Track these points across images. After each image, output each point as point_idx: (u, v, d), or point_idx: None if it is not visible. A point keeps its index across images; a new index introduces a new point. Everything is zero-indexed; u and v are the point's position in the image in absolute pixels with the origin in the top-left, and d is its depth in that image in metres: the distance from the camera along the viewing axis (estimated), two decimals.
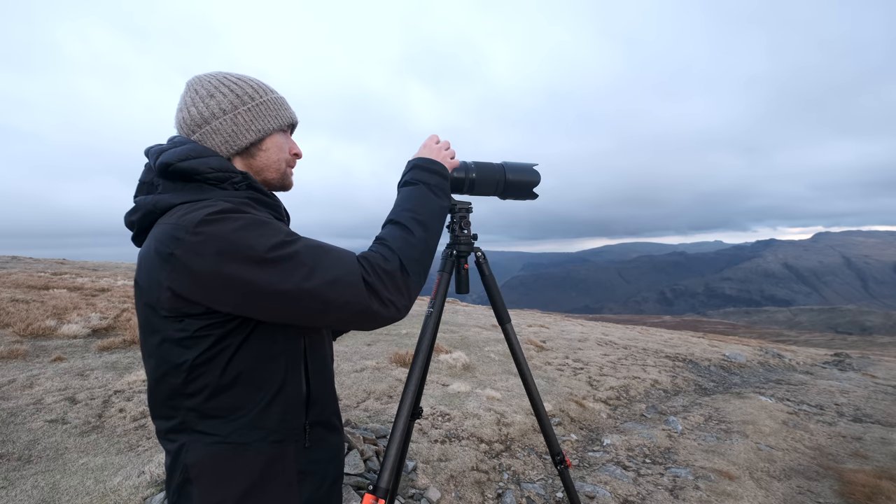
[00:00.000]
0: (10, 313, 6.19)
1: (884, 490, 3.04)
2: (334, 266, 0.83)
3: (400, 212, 1.02)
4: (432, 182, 1.11)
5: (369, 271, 0.86)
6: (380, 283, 0.86)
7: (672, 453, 3.80)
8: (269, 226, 0.83)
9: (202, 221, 0.79)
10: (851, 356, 10.69)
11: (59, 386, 4.00)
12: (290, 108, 1.06)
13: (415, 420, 1.67)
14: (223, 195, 0.90)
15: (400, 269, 0.89)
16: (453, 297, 16.90)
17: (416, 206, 1.03)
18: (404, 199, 1.06)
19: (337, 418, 1.09)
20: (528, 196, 1.63)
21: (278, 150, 1.03)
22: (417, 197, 1.06)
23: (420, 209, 1.03)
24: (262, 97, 1.01)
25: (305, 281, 0.80)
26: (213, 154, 0.93)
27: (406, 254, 0.92)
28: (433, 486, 2.86)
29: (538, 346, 7.54)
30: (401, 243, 0.94)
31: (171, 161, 0.88)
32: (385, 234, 0.97)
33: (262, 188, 0.99)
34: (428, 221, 1.02)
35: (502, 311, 1.65)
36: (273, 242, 0.80)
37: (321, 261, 0.83)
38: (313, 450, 0.98)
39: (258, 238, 0.80)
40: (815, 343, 38.50)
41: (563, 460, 1.70)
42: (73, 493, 2.42)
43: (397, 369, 5.21)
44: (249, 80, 1.02)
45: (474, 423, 3.80)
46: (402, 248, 0.93)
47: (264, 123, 0.99)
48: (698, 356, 8.21)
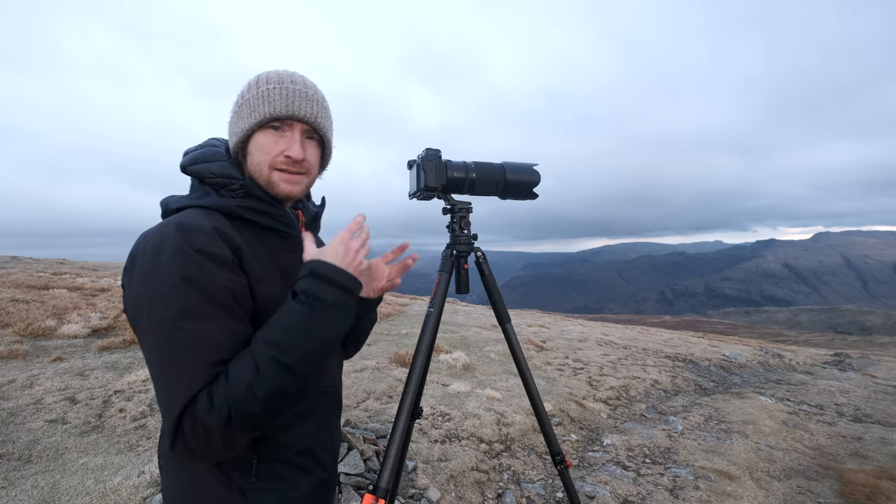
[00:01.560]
0: (10, 313, 6.19)
1: (884, 490, 3.05)
2: (165, 387, 0.77)
3: (262, 345, 0.79)
4: (329, 299, 0.84)
5: (188, 418, 0.75)
6: (191, 432, 0.75)
7: (672, 453, 3.80)
8: (174, 296, 0.77)
9: (139, 256, 0.81)
10: (851, 356, 10.69)
11: (59, 386, 4.00)
12: (280, 99, 0.91)
13: (415, 420, 1.67)
14: (219, 201, 0.91)
15: (223, 426, 0.75)
16: (453, 297, 16.91)
17: (289, 342, 0.80)
18: (280, 324, 0.82)
19: (307, 457, 0.98)
20: (528, 196, 1.63)
21: (259, 152, 0.93)
22: (297, 327, 0.81)
23: (293, 346, 0.80)
24: (248, 94, 0.93)
25: (151, 366, 0.80)
26: (220, 159, 0.96)
27: (241, 407, 0.75)
28: (433, 486, 2.86)
29: (538, 346, 7.54)
30: (241, 394, 0.75)
31: (184, 165, 0.96)
32: (234, 371, 0.78)
33: (263, 195, 0.94)
34: (297, 364, 0.80)
35: (502, 311, 1.65)
36: (159, 318, 0.77)
37: (163, 373, 0.78)
38: (262, 486, 0.91)
39: (159, 307, 0.77)
40: (815, 343, 38.51)
41: (563, 460, 1.70)
42: (73, 493, 2.42)
43: (397, 369, 5.21)
44: (261, 75, 0.95)
45: (474, 423, 3.80)
46: (238, 401, 0.75)
47: (242, 124, 0.93)
48: (698, 356, 8.20)
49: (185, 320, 0.76)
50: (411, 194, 1.53)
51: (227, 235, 0.85)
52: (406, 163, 1.53)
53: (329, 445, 1.06)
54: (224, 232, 0.85)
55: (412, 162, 1.50)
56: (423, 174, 1.44)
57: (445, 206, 1.58)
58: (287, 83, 0.93)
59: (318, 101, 0.96)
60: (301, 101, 0.93)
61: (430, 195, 1.51)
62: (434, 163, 1.44)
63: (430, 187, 1.45)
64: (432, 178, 1.44)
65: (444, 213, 1.59)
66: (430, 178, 1.44)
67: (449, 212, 1.58)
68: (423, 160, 1.45)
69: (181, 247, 0.79)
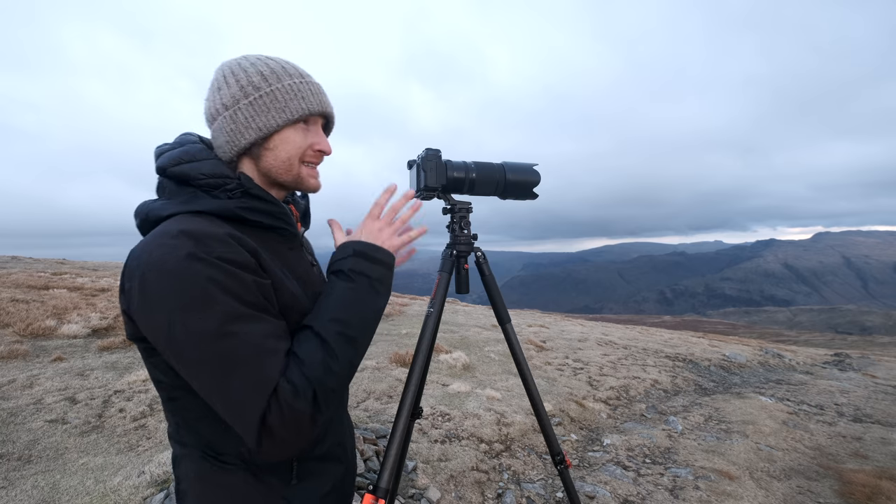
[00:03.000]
0: (10, 313, 6.19)
1: (884, 490, 3.04)
2: (237, 391, 0.72)
3: (327, 322, 0.82)
4: (374, 275, 0.91)
5: (274, 411, 0.72)
6: (280, 424, 0.72)
7: (672, 453, 3.80)
8: (209, 305, 0.72)
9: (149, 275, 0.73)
10: (851, 356, 10.69)
11: (59, 386, 4.00)
12: (311, 95, 0.91)
13: (415, 420, 1.67)
14: (215, 204, 0.84)
15: (311, 407, 0.75)
16: (453, 297, 16.91)
17: (349, 316, 0.85)
18: (337, 301, 0.86)
19: (339, 446, 1.01)
20: (529, 196, 1.63)
21: (289, 148, 0.90)
22: (353, 301, 0.86)
23: (353, 320, 0.85)
24: (268, 87, 0.87)
25: (201, 381, 0.74)
26: (208, 157, 0.88)
27: (323, 384, 0.77)
28: (433, 486, 2.86)
29: (538, 346, 7.54)
30: (320, 371, 0.77)
31: (165, 165, 0.87)
32: (304, 352, 0.78)
33: (263, 194, 0.89)
34: (360, 336, 0.85)
35: (502, 311, 1.65)
36: (199, 330, 0.72)
37: (227, 379, 0.73)
38: (304, 486, 0.92)
39: (194, 320, 0.72)
40: (815, 343, 38.51)
41: (563, 460, 1.70)
42: (73, 493, 2.42)
43: (397, 369, 5.22)
44: (266, 65, 0.89)
45: (474, 423, 3.80)
46: (320, 378, 0.76)
47: (267, 119, 0.87)
48: (698, 356, 8.20)
49: (231, 325, 0.73)
50: None
51: (242, 240, 0.81)
52: (406, 163, 1.53)
53: (350, 431, 1.10)
54: (238, 237, 0.81)
55: (412, 162, 1.50)
56: (423, 174, 1.44)
57: (445, 206, 1.58)
58: (308, 77, 0.93)
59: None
60: (325, 96, 0.95)
61: (430, 195, 1.51)
62: (434, 163, 1.44)
63: (430, 187, 1.45)
64: (432, 178, 1.44)
65: (444, 213, 1.59)
66: (430, 178, 1.44)
67: (449, 212, 1.58)
68: (423, 160, 1.45)
69: (198, 255, 0.73)
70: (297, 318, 0.87)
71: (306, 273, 0.98)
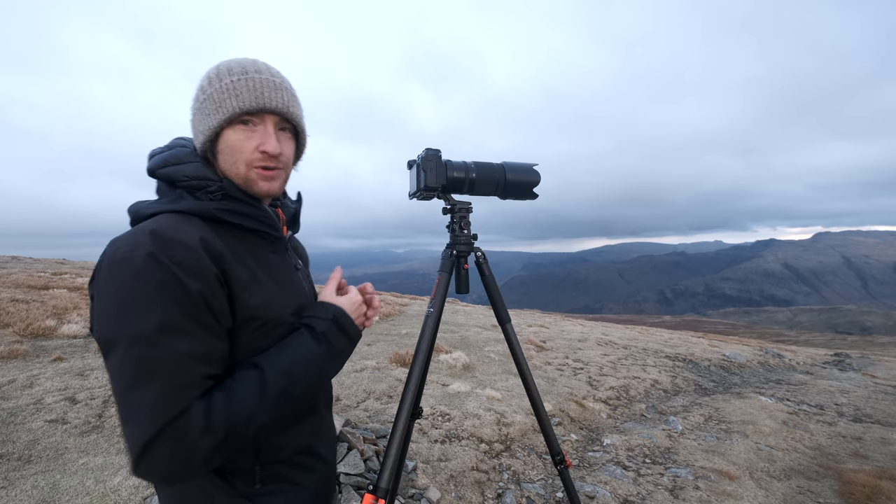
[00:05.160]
0: (10, 313, 6.19)
1: (884, 490, 3.05)
2: (139, 402, 0.69)
3: (277, 374, 0.80)
4: (339, 346, 0.92)
5: (167, 436, 0.68)
6: (168, 451, 0.68)
7: (672, 453, 3.80)
8: (149, 309, 0.71)
9: (109, 265, 0.74)
10: (851, 356, 10.69)
11: (59, 386, 4.00)
12: (247, 92, 0.85)
13: (415, 420, 1.67)
14: (195, 205, 0.85)
15: (213, 448, 0.72)
16: (453, 297, 16.91)
17: (302, 377, 0.84)
18: (296, 356, 0.85)
19: (310, 456, 0.97)
20: (529, 196, 1.63)
21: (230, 149, 0.87)
22: (311, 363, 0.86)
23: (302, 380, 0.84)
24: (210, 88, 0.86)
25: (117, 382, 0.72)
26: (193, 160, 0.89)
27: (239, 431, 0.74)
28: (433, 486, 2.86)
29: (538, 346, 7.54)
30: (243, 418, 0.74)
31: (153, 168, 0.89)
32: (239, 391, 0.76)
33: (243, 196, 0.89)
34: (300, 396, 0.85)
35: (502, 311, 1.65)
36: (132, 331, 0.71)
37: (134, 388, 0.70)
38: (270, 492, 0.89)
39: (131, 320, 0.71)
40: (815, 343, 38.50)
41: (563, 460, 1.70)
42: (73, 493, 2.42)
43: (397, 369, 5.22)
44: (219, 66, 0.87)
45: (474, 423, 3.80)
46: (239, 424, 0.74)
47: (207, 121, 0.86)
48: (698, 356, 8.21)
49: (163, 334, 0.71)
50: (411, 194, 1.54)
51: (211, 244, 0.80)
52: (406, 163, 1.53)
53: (328, 439, 1.06)
54: (207, 241, 0.80)
55: (412, 162, 1.50)
56: (423, 174, 1.44)
57: (445, 206, 1.58)
58: (252, 73, 0.86)
59: (287, 89, 0.91)
60: (270, 91, 0.87)
61: (430, 195, 1.51)
62: (434, 163, 1.44)
63: (430, 187, 1.45)
64: (432, 178, 1.44)
65: (444, 213, 1.59)
66: (430, 178, 1.44)
67: (449, 212, 1.58)
68: (423, 160, 1.45)
69: (157, 257, 0.73)
70: (265, 323, 0.86)
71: (288, 278, 0.97)
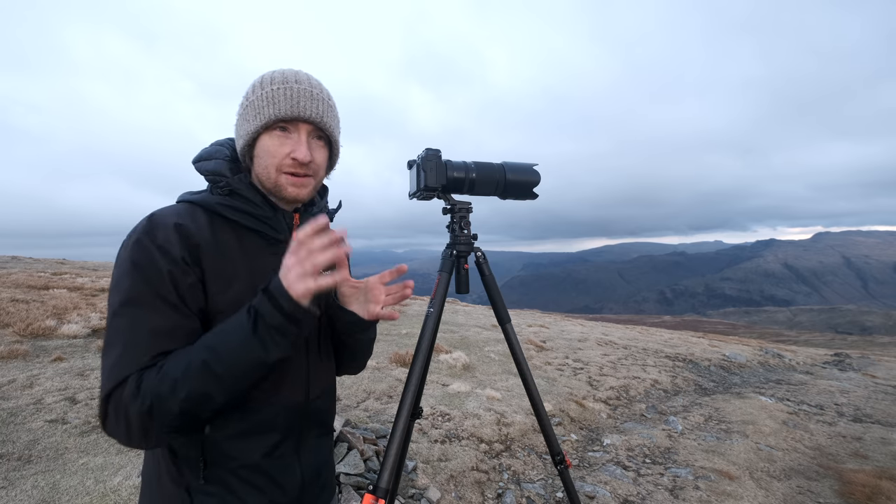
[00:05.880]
0: (10, 313, 6.19)
1: (884, 490, 3.05)
2: (108, 362, 0.80)
3: (202, 347, 0.79)
4: (270, 322, 0.77)
5: (115, 397, 0.76)
6: (114, 411, 0.76)
7: (672, 453, 3.80)
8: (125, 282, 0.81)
9: (120, 246, 0.86)
10: (851, 356, 10.69)
11: (59, 386, 3.99)
12: (284, 100, 0.89)
13: (415, 420, 1.67)
14: (202, 197, 0.93)
15: (141, 416, 0.75)
16: (453, 297, 16.90)
17: (225, 350, 0.78)
18: (223, 332, 0.80)
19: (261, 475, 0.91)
20: (529, 196, 1.63)
21: (266, 155, 0.91)
22: (235, 338, 0.78)
23: (227, 355, 0.78)
24: (253, 95, 0.92)
25: (104, 343, 0.84)
26: (217, 157, 0.97)
27: (162, 403, 0.75)
28: (433, 486, 2.86)
29: (538, 346, 7.54)
30: (166, 389, 0.75)
31: (193, 162, 1.00)
32: (169, 365, 0.78)
33: (249, 195, 0.93)
34: (225, 375, 0.77)
35: (502, 311, 1.65)
36: (112, 301, 0.83)
37: (107, 349, 0.81)
38: (210, 494, 0.88)
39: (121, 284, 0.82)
40: (815, 343, 38.50)
41: (563, 460, 1.70)
42: (73, 493, 2.42)
43: (397, 369, 5.21)
44: (263, 76, 0.94)
45: (474, 423, 3.80)
46: (162, 395, 0.75)
47: (246, 126, 0.92)
48: (698, 356, 8.20)
49: (126, 306, 0.80)
50: (411, 194, 1.53)
51: (189, 232, 0.86)
52: (406, 163, 1.53)
53: (293, 468, 0.96)
54: (186, 227, 0.86)
55: (412, 162, 1.50)
56: (423, 174, 1.44)
57: (445, 206, 1.57)
58: (292, 83, 0.91)
59: (324, 100, 0.94)
60: (306, 100, 0.91)
61: (430, 195, 1.51)
62: (434, 163, 1.44)
63: (430, 187, 1.45)
64: (432, 178, 1.44)
65: (444, 213, 1.59)
66: (430, 178, 1.44)
67: (449, 212, 1.58)
68: (423, 160, 1.44)
69: (140, 238, 0.83)
70: None
71: None
